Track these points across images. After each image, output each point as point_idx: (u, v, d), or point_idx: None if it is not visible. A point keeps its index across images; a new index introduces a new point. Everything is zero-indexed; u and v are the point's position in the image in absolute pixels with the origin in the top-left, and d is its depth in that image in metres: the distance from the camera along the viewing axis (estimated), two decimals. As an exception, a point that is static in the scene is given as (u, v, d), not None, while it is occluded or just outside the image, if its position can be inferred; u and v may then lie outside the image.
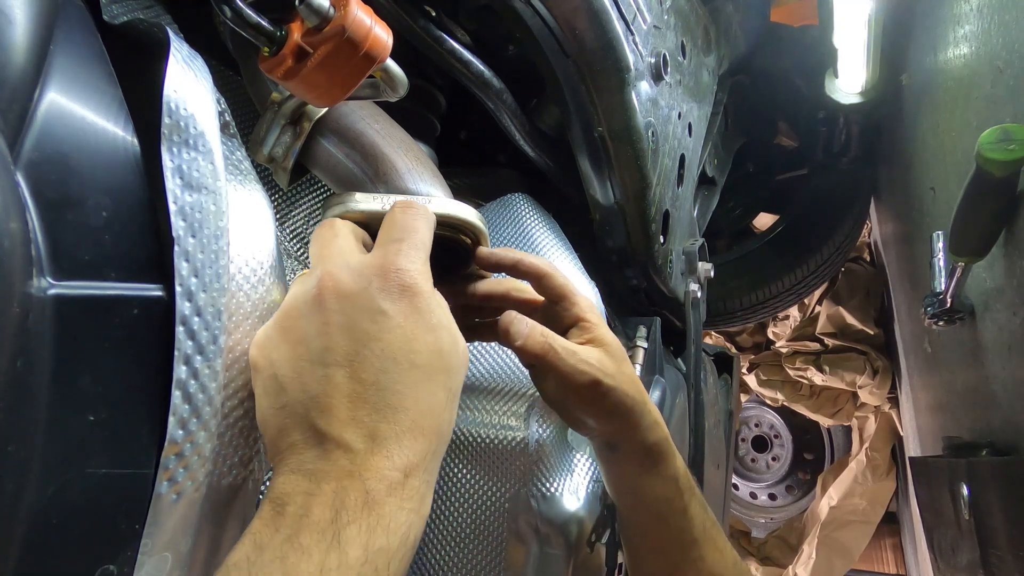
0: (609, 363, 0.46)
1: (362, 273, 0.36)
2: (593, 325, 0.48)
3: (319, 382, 0.33)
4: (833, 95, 1.48)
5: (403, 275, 0.36)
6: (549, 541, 0.58)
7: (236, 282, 0.37)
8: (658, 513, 0.51)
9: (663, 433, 0.50)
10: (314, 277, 0.36)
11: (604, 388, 0.45)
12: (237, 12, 0.38)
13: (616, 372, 0.46)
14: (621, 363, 0.48)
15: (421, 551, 0.63)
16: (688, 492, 0.50)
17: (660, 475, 0.49)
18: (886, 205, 1.80)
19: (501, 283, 0.52)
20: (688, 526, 0.50)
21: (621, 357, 0.48)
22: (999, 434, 0.87)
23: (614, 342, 0.48)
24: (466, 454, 0.64)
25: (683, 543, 0.50)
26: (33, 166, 0.30)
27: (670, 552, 0.51)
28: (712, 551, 0.51)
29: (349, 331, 0.34)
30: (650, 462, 0.49)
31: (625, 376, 0.47)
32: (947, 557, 0.98)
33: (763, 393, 2.42)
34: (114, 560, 0.31)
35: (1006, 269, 0.76)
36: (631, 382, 0.48)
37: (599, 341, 0.48)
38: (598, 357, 0.46)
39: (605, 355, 0.47)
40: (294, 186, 0.73)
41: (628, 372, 0.48)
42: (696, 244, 1.01)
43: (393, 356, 0.34)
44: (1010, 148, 0.63)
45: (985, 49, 0.85)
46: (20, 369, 0.27)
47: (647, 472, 0.50)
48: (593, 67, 0.68)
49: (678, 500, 0.50)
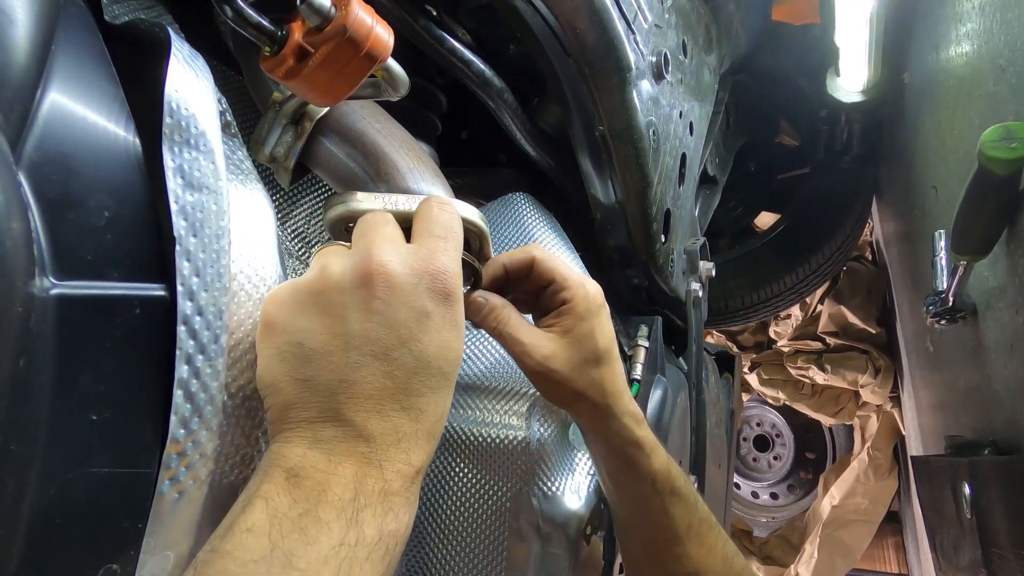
0: (564, 359, 0.46)
1: (414, 269, 0.36)
2: (569, 316, 0.47)
3: (351, 367, 0.33)
4: (835, 94, 1.47)
5: (448, 279, 0.37)
6: (550, 540, 0.58)
7: (237, 281, 0.37)
8: (635, 509, 0.51)
9: (636, 435, 0.49)
10: (360, 257, 0.35)
11: (551, 380, 0.46)
12: (238, 12, 0.38)
13: (571, 369, 0.46)
14: (587, 363, 0.46)
15: (423, 550, 0.63)
16: (667, 492, 0.50)
17: (632, 473, 0.49)
18: (888, 204, 1.79)
19: None
20: (669, 523, 0.50)
21: (590, 355, 0.46)
22: (1001, 433, 0.86)
23: (585, 336, 0.46)
24: (467, 453, 0.64)
25: (665, 540, 0.51)
26: (35, 166, 0.30)
27: (652, 547, 0.52)
28: (698, 548, 0.51)
29: (392, 324, 0.34)
30: (619, 459, 0.49)
31: (585, 376, 0.46)
32: (949, 556, 0.97)
33: (765, 392, 2.42)
34: (117, 559, 0.31)
35: (1008, 268, 0.76)
36: (591, 383, 0.46)
37: (569, 332, 0.46)
38: (551, 351, 0.45)
39: (563, 350, 0.46)
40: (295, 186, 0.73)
41: (591, 374, 0.46)
42: (697, 243, 1.01)
43: (427, 360, 0.35)
44: (1012, 146, 0.63)
45: (987, 47, 0.85)
46: (23, 368, 0.27)
47: (618, 467, 0.50)
48: (594, 66, 0.67)
49: (655, 499, 0.50)
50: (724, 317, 1.73)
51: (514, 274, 0.49)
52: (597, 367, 0.47)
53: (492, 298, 0.47)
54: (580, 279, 0.48)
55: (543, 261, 0.48)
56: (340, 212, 0.45)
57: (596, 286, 0.50)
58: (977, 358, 0.92)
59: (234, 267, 0.37)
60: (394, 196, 0.46)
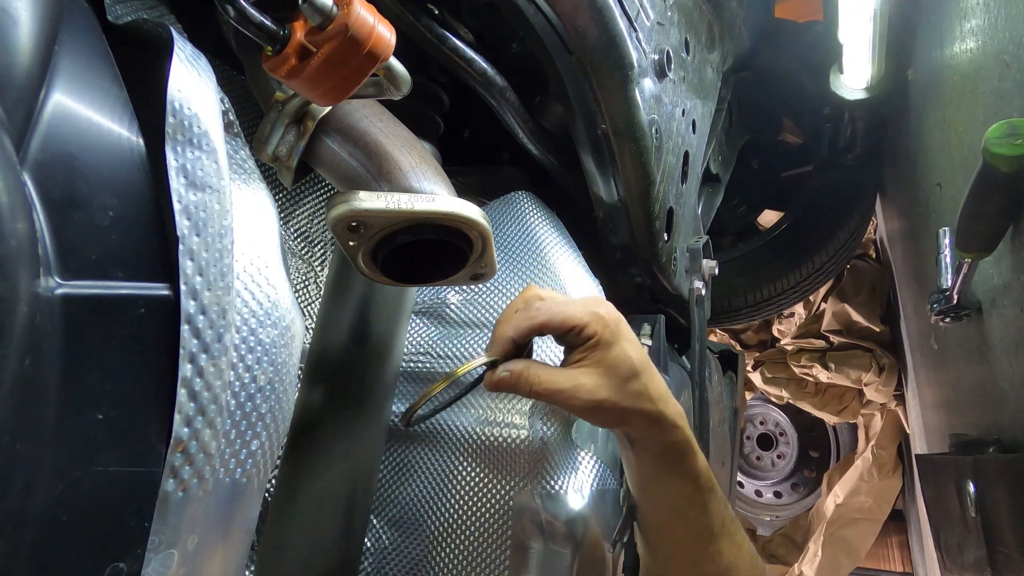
0: (607, 385, 0.48)
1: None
2: (597, 348, 0.49)
3: None
4: (838, 91, 1.47)
5: None
6: (554, 538, 0.58)
7: (240, 280, 0.37)
8: (676, 508, 0.52)
9: (683, 435, 0.51)
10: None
11: (603, 410, 0.48)
12: (240, 11, 0.38)
13: (615, 392, 0.48)
14: (627, 381, 0.48)
15: (427, 547, 0.64)
16: (708, 489, 0.51)
17: (679, 473, 0.51)
18: (892, 201, 1.79)
19: None
20: (708, 521, 0.52)
21: (627, 374, 0.49)
22: (1006, 431, 0.86)
23: (618, 358, 0.49)
24: (471, 452, 0.64)
25: (701, 537, 0.52)
26: (39, 166, 0.30)
27: (687, 546, 0.53)
28: (730, 546, 0.52)
29: None
30: (668, 461, 0.51)
31: (630, 393, 0.48)
32: (954, 555, 0.97)
33: (768, 391, 2.42)
34: (124, 558, 0.31)
35: (1013, 265, 0.76)
36: (638, 396, 0.48)
37: (602, 362, 0.49)
38: (593, 384, 0.48)
39: (602, 378, 0.48)
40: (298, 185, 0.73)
41: (635, 388, 0.49)
42: (700, 241, 1.01)
43: None
44: (1017, 143, 0.62)
45: (992, 43, 0.85)
46: (29, 368, 0.27)
47: (666, 469, 0.51)
48: (596, 64, 0.67)
49: (697, 496, 0.51)
50: (727, 315, 1.72)
51: (522, 340, 0.51)
52: (638, 379, 0.49)
53: (513, 366, 0.49)
54: (591, 310, 0.50)
55: (552, 318, 0.49)
56: (343, 211, 0.45)
57: (607, 306, 0.51)
58: (982, 356, 0.92)
59: (237, 266, 0.37)
60: (396, 195, 0.47)
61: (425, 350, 0.71)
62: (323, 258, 0.79)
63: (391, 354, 0.68)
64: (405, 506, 0.66)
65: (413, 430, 0.68)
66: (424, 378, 0.70)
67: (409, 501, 0.66)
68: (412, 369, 0.71)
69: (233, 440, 0.36)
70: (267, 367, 0.38)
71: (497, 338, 0.50)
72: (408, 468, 0.68)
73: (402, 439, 0.69)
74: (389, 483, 0.68)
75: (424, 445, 0.67)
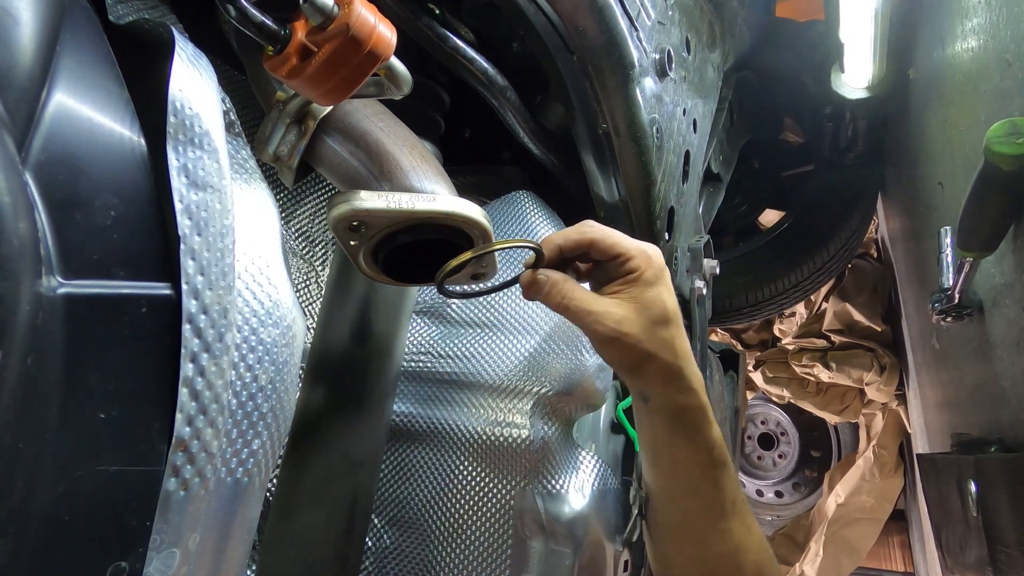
0: (636, 322, 0.47)
1: None
2: (637, 283, 0.49)
3: None
4: (839, 90, 1.46)
5: None
6: (555, 538, 0.58)
7: (242, 280, 0.37)
8: (689, 480, 0.51)
9: (700, 401, 0.50)
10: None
11: (624, 344, 0.47)
12: (241, 11, 0.38)
13: (642, 331, 0.47)
14: (657, 324, 0.48)
15: (428, 547, 0.64)
16: (720, 464, 0.51)
17: (693, 440, 0.50)
18: (893, 200, 1.78)
19: None
20: (719, 497, 0.51)
21: (659, 318, 0.48)
22: (1008, 431, 0.86)
23: (654, 300, 0.48)
24: (472, 451, 0.64)
25: (711, 513, 0.51)
26: (41, 166, 0.30)
27: (697, 522, 0.52)
28: (740, 526, 0.51)
29: None
30: (682, 425, 0.50)
31: (656, 337, 0.48)
32: (955, 554, 0.97)
33: (769, 390, 2.41)
34: (126, 557, 0.31)
35: (1015, 264, 0.76)
36: (662, 344, 0.48)
37: (637, 299, 0.48)
38: (622, 316, 0.47)
39: (634, 313, 0.48)
40: (299, 185, 0.73)
41: (662, 334, 0.48)
42: (701, 241, 1.01)
43: None
44: (1018, 142, 0.62)
45: (994, 42, 0.85)
46: (31, 367, 0.27)
47: (679, 435, 0.50)
48: (597, 64, 0.67)
49: (710, 470, 0.50)
50: (728, 315, 1.72)
51: (569, 253, 0.50)
52: (667, 327, 0.49)
53: (552, 274, 0.49)
54: (641, 246, 0.50)
55: (603, 239, 0.49)
56: (344, 211, 0.45)
57: (656, 250, 0.51)
58: (983, 355, 0.92)
59: (238, 266, 0.37)
60: (397, 195, 0.47)
61: (426, 350, 0.71)
62: (324, 258, 0.79)
63: (392, 354, 0.68)
64: (406, 506, 0.66)
65: (412, 429, 0.68)
66: (425, 378, 0.70)
67: (410, 501, 0.66)
68: (413, 369, 0.71)
69: (234, 439, 0.36)
70: (268, 366, 0.38)
71: (546, 242, 0.50)
72: (409, 468, 0.68)
73: (403, 439, 0.69)
74: (390, 483, 0.68)
75: (425, 445, 0.67)
